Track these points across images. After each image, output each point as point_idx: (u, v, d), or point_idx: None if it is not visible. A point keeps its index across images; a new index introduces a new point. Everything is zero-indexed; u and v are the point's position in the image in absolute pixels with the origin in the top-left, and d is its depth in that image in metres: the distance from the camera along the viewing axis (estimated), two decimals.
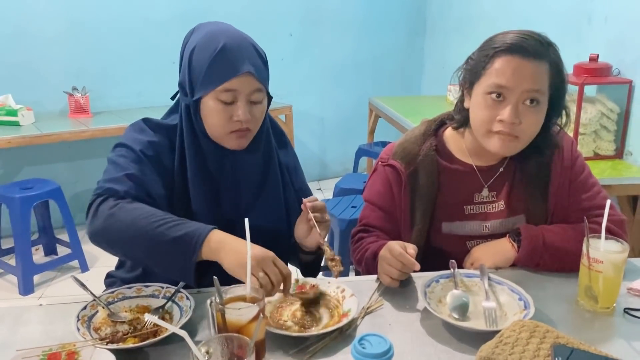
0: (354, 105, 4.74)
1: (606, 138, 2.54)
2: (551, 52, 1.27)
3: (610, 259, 1.16)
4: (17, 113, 3.34)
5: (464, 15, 4.16)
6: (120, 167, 1.22)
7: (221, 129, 1.25)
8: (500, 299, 1.20)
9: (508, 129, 1.27)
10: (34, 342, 1.05)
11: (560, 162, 1.39)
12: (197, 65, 1.23)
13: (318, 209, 1.27)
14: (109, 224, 1.13)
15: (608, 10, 2.63)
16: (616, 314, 1.19)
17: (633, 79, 2.47)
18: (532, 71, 1.24)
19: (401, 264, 1.20)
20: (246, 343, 0.84)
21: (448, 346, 1.07)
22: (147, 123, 1.31)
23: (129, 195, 1.18)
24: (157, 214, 1.13)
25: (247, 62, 1.20)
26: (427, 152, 1.42)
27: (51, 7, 3.61)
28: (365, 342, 0.92)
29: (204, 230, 1.10)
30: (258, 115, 1.27)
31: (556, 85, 1.29)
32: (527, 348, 0.97)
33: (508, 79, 1.25)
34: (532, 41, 1.26)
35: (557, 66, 1.28)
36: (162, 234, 1.10)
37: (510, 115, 1.25)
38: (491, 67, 1.28)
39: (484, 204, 1.42)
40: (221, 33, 1.24)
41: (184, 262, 1.09)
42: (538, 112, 1.28)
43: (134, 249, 1.14)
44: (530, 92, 1.25)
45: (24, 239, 3.00)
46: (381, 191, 1.45)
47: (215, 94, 1.21)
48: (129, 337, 1.06)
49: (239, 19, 1.51)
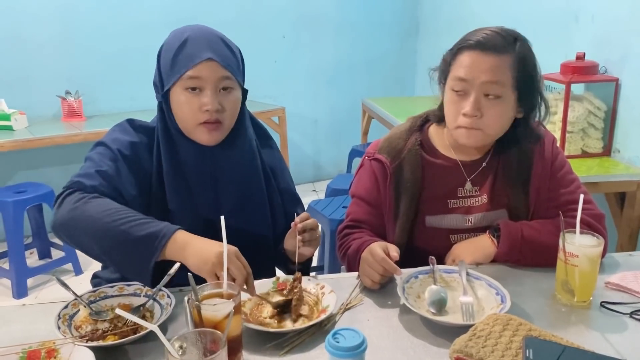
0: (347, 107, 4.75)
1: (594, 136, 2.56)
2: (517, 46, 1.30)
3: (585, 253, 1.17)
4: (10, 117, 3.35)
5: (455, 17, 4.18)
6: (94, 164, 1.23)
7: (191, 119, 1.25)
8: (478, 293, 1.22)
9: (470, 122, 1.31)
10: (15, 341, 1.05)
11: (541, 158, 1.41)
12: (163, 60, 1.26)
13: (309, 228, 1.27)
14: (71, 216, 1.14)
15: (595, 9, 2.65)
16: (593, 307, 1.20)
17: (619, 77, 2.49)
18: (490, 64, 1.28)
19: (383, 269, 1.22)
20: (219, 337, 0.85)
21: (424, 340, 1.08)
22: (130, 123, 1.33)
23: (97, 191, 1.18)
24: (123, 211, 1.13)
25: (210, 50, 1.22)
26: (411, 147, 1.44)
27: (44, 11, 3.63)
28: (339, 336, 0.93)
29: (168, 230, 1.11)
30: (229, 106, 1.27)
31: (523, 79, 1.30)
32: (500, 341, 0.98)
33: (466, 72, 1.29)
34: (495, 36, 1.29)
35: (524, 60, 1.30)
36: (126, 232, 1.10)
37: (471, 108, 1.29)
38: (455, 62, 1.33)
39: (467, 197, 1.43)
40: (187, 29, 1.27)
41: (143, 262, 1.10)
42: (499, 105, 1.30)
43: (94, 244, 1.14)
44: (487, 84, 1.28)
45: (17, 242, 3.02)
46: (368, 186, 1.47)
47: (182, 83, 1.23)
48: (108, 334, 1.07)
49: (232, 22, 1.53)
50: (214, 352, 0.85)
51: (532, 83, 1.32)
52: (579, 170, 2.39)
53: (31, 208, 3.17)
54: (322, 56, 4.66)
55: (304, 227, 1.26)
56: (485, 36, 1.30)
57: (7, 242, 3.04)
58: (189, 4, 4.04)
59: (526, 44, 1.33)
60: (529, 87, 1.32)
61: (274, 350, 1.05)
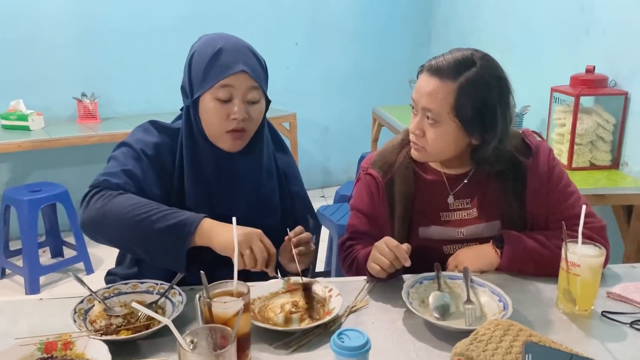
0: (358, 114, 4.79)
1: (602, 148, 2.57)
2: (470, 73, 1.29)
3: (587, 262, 1.20)
4: (27, 118, 3.43)
5: (467, 27, 4.22)
6: (119, 163, 1.28)
7: (218, 127, 1.30)
8: (481, 300, 1.24)
9: (415, 139, 1.38)
10: (33, 332, 1.10)
11: (536, 169, 1.42)
12: (195, 67, 1.30)
13: (303, 242, 1.31)
14: (101, 213, 1.19)
15: (606, 23, 2.67)
16: (594, 316, 1.22)
17: (629, 91, 2.51)
18: (430, 89, 1.31)
19: (394, 256, 1.25)
20: (228, 333, 0.89)
21: (427, 344, 1.11)
22: (153, 125, 1.38)
23: (122, 189, 1.23)
24: (150, 204, 1.20)
25: (242, 62, 1.27)
26: (402, 161, 1.47)
27: (62, 14, 3.71)
28: (344, 337, 0.97)
29: (196, 218, 1.18)
30: (255, 116, 1.32)
31: (465, 108, 1.29)
32: (500, 345, 1.01)
33: (415, 94, 1.36)
34: (448, 61, 1.30)
35: (469, 89, 1.29)
36: (156, 222, 1.16)
37: (413, 126, 1.37)
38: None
39: (458, 210, 1.45)
40: (220, 38, 1.31)
41: (177, 249, 1.16)
42: (437, 129, 1.33)
43: (126, 237, 1.20)
44: (425, 110, 1.33)
45: (31, 240, 3.08)
46: (364, 199, 1.50)
47: (213, 92, 1.27)
48: (122, 329, 1.11)
49: (245, 28, 1.57)
50: (223, 347, 0.89)
51: (481, 112, 1.31)
52: (587, 182, 2.41)
53: (45, 207, 3.24)
54: (334, 64, 4.70)
55: (298, 240, 1.30)
56: (439, 60, 1.32)
57: (21, 239, 3.10)
58: (203, 10, 4.11)
59: (482, 70, 1.30)
60: (476, 115, 1.31)
61: (282, 349, 1.09)
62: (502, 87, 1.33)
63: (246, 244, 1.15)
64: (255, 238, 1.15)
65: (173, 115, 1.45)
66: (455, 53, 1.33)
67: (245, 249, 1.13)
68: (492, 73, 1.32)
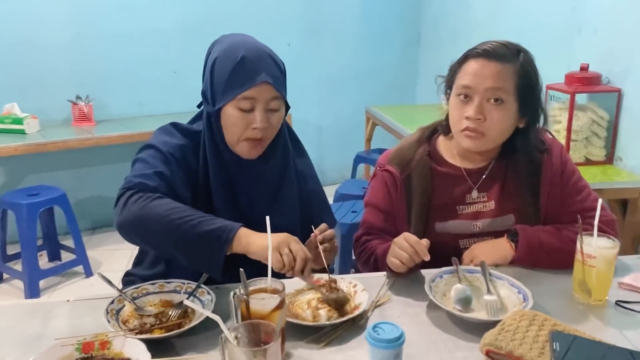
0: (351, 114, 4.82)
1: (597, 144, 2.64)
2: (520, 57, 1.39)
3: (602, 254, 1.25)
4: (22, 121, 3.40)
5: (457, 27, 4.27)
6: (150, 165, 1.29)
7: (237, 135, 1.33)
8: (501, 292, 1.28)
9: (473, 125, 1.39)
10: (65, 334, 1.11)
11: (550, 165, 1.48)
12: (218, 75, 1.31)
13: (327, 239, 1.35)
14: (140, 215, 1.20)
15: (597, 22, 2.74)
16: (609, 306, 1.27)
17: (622, 88, 2.58)
18: (494, 71, 1.36)
19: (413, 250, 1.28)
20: (272, 329, 0.92)
21: (453, 335, 1.15)
22: (176, 127, 1.39)
23: (158, 192, 1.25)
24: (188, 209, 1.22)
25: (265, 72, 1.29)
26: (420, 158, 1.51)
27: (56, 17, 3.69)
28: (379, 329, 1.00)
29: (234, 226, 1.21)
30: (275, 123, 1.35)
31: (524, 89, 1.38)
32: (527, 335, 1.05)
33: (471, 79, 1.38)
34: (500, 47, 1.38)
35: (526, 70, 1.38)
36: (195, 227, 1.18)
37: (474, 111, 1.38)
38: (461, 71, 1.42)
39: (475, 203, 1.50)
40: (241, 45, 1.32)
41: (214, 254, 1.19)
42: (502, 110, 1.38)
43: (164, 240, 1.22)
44: (492, 90, 1.36)
45: (31, 244, 3.06)
46: (380, 195, 1.54)
47: (235, 102, 1.29)
48: (155, 328, 1.13)
49: (238, 29, 1.59)
50: (266, 342, 0.91)
51: (533, 94, 1.41)
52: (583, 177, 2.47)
53: (42, 211, 3.21)
54: (326, 64, 4.73)
55: (323, 237, 1.34)
56: (491, 46, 1.39)
57: (20, 243, 3.08)
58: (198, 12, 4.11)
59: (529, 56, 1.41)
60: (530, 97, 1.40)
61: (313, 344, 1.12)
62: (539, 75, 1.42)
63: (285, 245, 1.18)
64: (292, 241, 1.19)
65: (166, 117, 1.46)
66: (498, 41, 1.40)
67: (284, 249, 1.16)
68: (533, 59, 1.41)
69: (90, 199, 3.98)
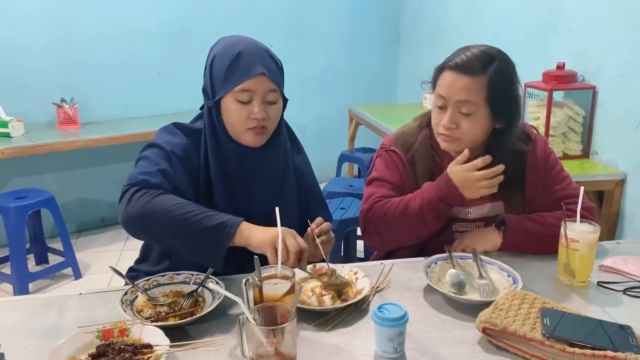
0: (334, 114, 4.90)
1: (574, 139, 2.77)
2: (493, 67, 1.44)
3: (585, 238, 1.34)
4: (7, 125, 3.39)
5: (436, 27, 4.39)
6: (153, 163, 1.35)
7: (240, 126, 1.39)
8: (492, 276, 1.37)
9: (447, 132, 1.49)
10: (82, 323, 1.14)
11: (535, 156, 1.58)
12: (216, 70, 1.38)
13: (324, 232, 1.41)
14: (145, 210, 1.25)
15: (572, 23, 2.87)
16: (591, 286, 1.37)
17: (596, 85, 2.70)
18: (464, 85, 1.44)
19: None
20: (287, 310, 0.98)
21: (450, 316, 1.24)
22: (177, 126, 1.44)
23: (162, 188, 1.30)
24: (191, 205, 1.27)
25: (261, 65, 1.35)
26: (422, 141, 1.60)
27: (39, 19, 3.67)
28: (384, 310, 1.08)
29: (236, 221, 1.26)
30: (273, 115, 1.41)
31: (495, 98, 1.45)
32: (519, 312, 1.14)
33: (445, 91, 1.48)
34: (472, 59, 1.45)
35: (497, 80, 1.45)
36: (198, 222, 1.24)
37: (447, 121, 1.48)
38: (439, 80, 1.51)
39: None
40: (238, 42, 1.39)
41: (217, 248, 1.24)
42: (471, 120, 1.47)
43: (168, 234, 1.26)
44: (462, 102, 1.45)
45: (20, 247, 3.06)
46: (388, 170, 1.61)
47: (234, 94, 1.36)
48: (170, 316, 1.19)
49: (221, 30, 1.65)
50: (282, 322, 0.98)
51: (506, 99, 1.47)
52: None
53: (30, 214, 3.20)
54: (309, 64, 4.80)
55: (320, 230, 1.40)
56: (464, 58, 1.46)
57: (9, 247, 3.08)
58: (181, 13, 4.14)
59: (503, 64, 1.46)
60: (503, 103, 1.47)
61: (320, 327, 1.19)
62: (516, 75, 1.49)
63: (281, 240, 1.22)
64: (288, 235, 1.24)
65: (150, 119, 1.50)
66: (474, 50, 1.46)
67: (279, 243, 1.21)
68: (508, 64, 1.48)
69: (76, 201, 3.99)
